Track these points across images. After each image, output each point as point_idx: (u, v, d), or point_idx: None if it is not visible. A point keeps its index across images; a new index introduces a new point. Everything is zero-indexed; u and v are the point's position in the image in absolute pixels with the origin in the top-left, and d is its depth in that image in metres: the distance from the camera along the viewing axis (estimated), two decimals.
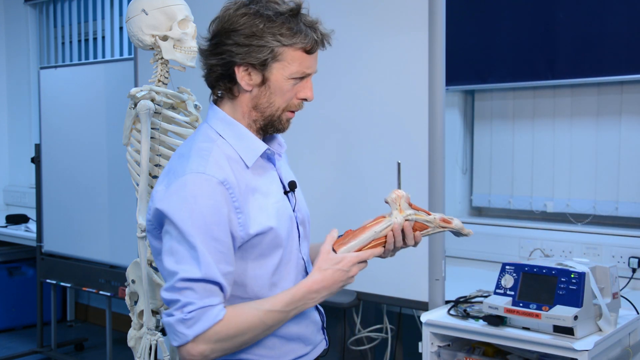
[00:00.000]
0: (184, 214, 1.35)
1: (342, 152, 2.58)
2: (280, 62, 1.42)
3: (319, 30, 1.46)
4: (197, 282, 1.33)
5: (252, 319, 1.38)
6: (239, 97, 1.47)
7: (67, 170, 4.19)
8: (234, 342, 1.38)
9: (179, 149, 1.51)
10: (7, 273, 5.01)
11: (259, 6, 1.42)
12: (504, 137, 3.26)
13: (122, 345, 2.72)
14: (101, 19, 5.09)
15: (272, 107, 1.46)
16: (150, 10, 1.98)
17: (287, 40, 1.41)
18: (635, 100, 2.90)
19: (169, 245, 1.37)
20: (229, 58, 1.42)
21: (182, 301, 1.33)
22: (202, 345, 1.34)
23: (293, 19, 1.42)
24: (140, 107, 1.95)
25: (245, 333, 1.38)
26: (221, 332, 1.34)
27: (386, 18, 2.42)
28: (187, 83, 2.15)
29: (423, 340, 2.17)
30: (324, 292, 1.45)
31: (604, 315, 1.94)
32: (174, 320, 1.34)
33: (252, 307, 1.40)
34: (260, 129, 1.50)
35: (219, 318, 1.34)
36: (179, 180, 1.38)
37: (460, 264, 3.12)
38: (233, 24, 1.41)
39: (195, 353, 1.34)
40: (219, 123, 1.49)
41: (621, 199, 2.93)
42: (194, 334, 1.33)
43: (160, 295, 1.39)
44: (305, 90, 1.48)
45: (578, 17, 2.87)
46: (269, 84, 1.44)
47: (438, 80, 2.28)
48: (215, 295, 1.35)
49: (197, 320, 1.33)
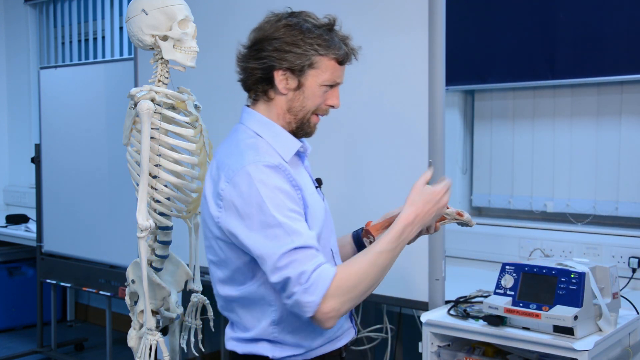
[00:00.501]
0: (258, 199, 1.47)
1: (342, 151, 2.58)
2: (315, 70, 1.58)
3: (350, 45, 1.63)
4: (295, 251, 1.44)
5: (365, 264, 1.49)
6: (274, 99, 1.62)
7: (67, 170, 4.19)
8: (357, 290, 1.48)
9: (224, 149, 1.62)
10: (7, 273, 5.01)
11: (299, 19, 1.58)
12: (504, 137, 3.26)
13: (122, 345, 2.72)
14: (101, 19, 5.09)
15: (304, 110, 1.61)
16: (150, 10, 1.98)
17: (323, 50, 1.57)
18: (635, 100, 2.90)
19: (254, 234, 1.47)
20: (269, 62, 1.57)
21: (293, 276, 1.43)
22: (331, 301, 1.43)
23: (329, 33, 1.59)
24: (140, 107, 1.95)
25: (364, 279, 1.48)
26: (342, 285, 1.45)
27: (386, 18, 2.42)
28: (187, 83, 2.15)
29: (423, 340, 2.17)
30: (419, 222, 1.56)
31: (604, 315, 1.94)
32: (299, 295, 1.42)
33: (362, 255, 1.52)
34: (292, 132, 1.64)
35: (334, 273, 1.45)
36: (241, 173, 1.50)
37: (460, 264, 3.12)
38: (275, 32, 1.57)
39: (328, 310, 1.43)
40: (256, 123, 1.63)
41: (621, 199, 2.93)
42: (319, 297, 1.42)
43: (271, 281, 1.46)
44: (333, 98, 1.64)
45: (578, 17, 2.87)
46: (303, 89, 1.59)
47: (438, 80, 2.28)
48: (317, 257, 1.46)
49: (317, 284, 1.42)
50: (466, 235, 3.17)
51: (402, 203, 1.90)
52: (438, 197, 1.59)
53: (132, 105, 2.02)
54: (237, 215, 1.49)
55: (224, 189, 1.52)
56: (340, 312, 1.47)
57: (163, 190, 2.01)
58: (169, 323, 2.22)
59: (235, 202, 1.50)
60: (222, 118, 2.94)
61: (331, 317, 1.45)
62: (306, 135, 1.66)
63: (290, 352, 1.59)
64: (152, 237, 2.09)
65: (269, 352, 1.59)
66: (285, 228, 1.45)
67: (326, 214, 1.67)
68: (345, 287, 1.45)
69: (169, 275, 2.22)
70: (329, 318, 1.45)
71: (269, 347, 1.58)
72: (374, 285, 1.53)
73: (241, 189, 1.49)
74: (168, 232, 2.11)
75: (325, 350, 1.65)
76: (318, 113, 1.64)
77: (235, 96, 2.94)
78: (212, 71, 2.96)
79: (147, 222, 1.95)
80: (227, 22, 2.94)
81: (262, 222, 1.46)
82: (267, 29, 1.58)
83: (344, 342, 1.71)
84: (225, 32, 2.94)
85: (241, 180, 1.49)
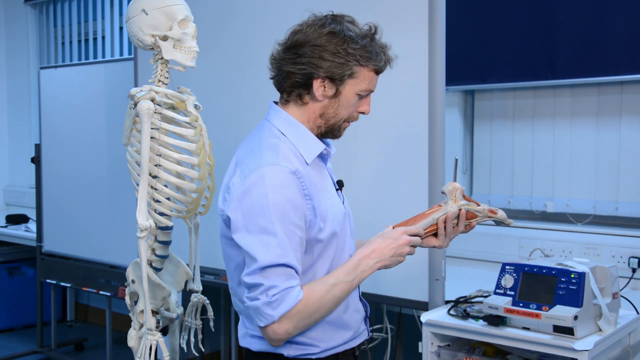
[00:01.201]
0: (264, 203, 1.48)
1: (342, 151, 2.57)
2: (354, 79, 1.58)
3: (388, 54, 1.62)
4: (278, 267, 1.46)
5: (324, 294, 1.51)
6: (308, 104, 1.61)
7: (67, 170, 4.19)
8: (312, 318, 1.51)
9: (246, 145, 1.62)
10: (7, 273, 5.01)
11: (342, 27, 1.56)
12: (504, 137, 3.26)
13: (122, 345, 2.72)
14: (101, 19, 5.09)
15: (336, 117, 1.62)
16: (150, 10, 1.98)
17: (365, 61, 1.57)
18: (635, 100, 2.90)
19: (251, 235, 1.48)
20: (310, 70, 1.56)
21: (265, 285, 1.45)
22: (287, 324, 1.46)
23: (371, 42, 1.58)
24: (140, 107, 1.94)
25: (320, 308, 1.51)
26: (302, 310, 1.47)
27: (386, 18, 2.42)
28: (187, 83, 2.15)
29: (423, 340, 2.17)
30: (376, 257, 1.57)
31: (604, 315, 1.94)
32: (260, 304, 1.46)
33: (321, 284, 1.53)
34: (320, 134, 1.64)
35: (300, 298, 1.47)
36: (257, 173, 1.50)
37: (460, 264, 3.12)
38: (318, 39, 1.55)
39: (281, 332, 1.47)
40: (282, 122, 1.62)
41: (621, 199, 2.93)
42: (279, 314, 1.45)
43: (242, 279, 1.50)
44: (365, 105, 1.65)
45: (578, 17, 2.87)
46: (340, 98, 1.59)
47: (438, 80, 2.28)
48: (294, 278, 1.48)
49: (282, 302, 1.45)
50: (466, 235, 3.16)
51: (401, 203, 1.90)
52: (396, 235, 1.59)
53: (132, 105, 2.02)
54: (240, 211, 1.50)
55: (235, 183, 1.53)
56: (291, 336, 1.50)
57: (163, 190, 2.01)
58: (169, 323, 2.22)
59: (241, 198, 1.50)
60: (222, 118, 2.94)
61: (281, 339, 1.50)
62: (334, 137, 1.67)
63: (306, 350, 1.60)
64: (152, 237, 2.09)
65: (284, 350, 1.60)
66: (280, 240, 1.46)
67: (345, 218, 1.67)
68: (305, 312, 1.48)
69: (169, 275, 2.22)
70: (279, 339, 1.50)
71: (285, 345, 1.59)
72: (328, 314, 1.56)
73: (251, 188, 1.49)
74: (168, 232, 2.11)
75: (341, 349, 1.66)
76: (349, 120, 1.65)
77: (235, 96, 2.95)
78: (212, 71, 2.97)
79: (147, 222, 1.95)
80: (227, 22, 2.94)
81: (261, 227, 1.47)
82: (310, 33, 1.55)
83: (359, 342, 1.73)
84: (225, 32, 2.94)
85: (254, 180, 1.50)
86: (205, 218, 2.22)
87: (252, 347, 1.64)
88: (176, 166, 2.01)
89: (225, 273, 2.96)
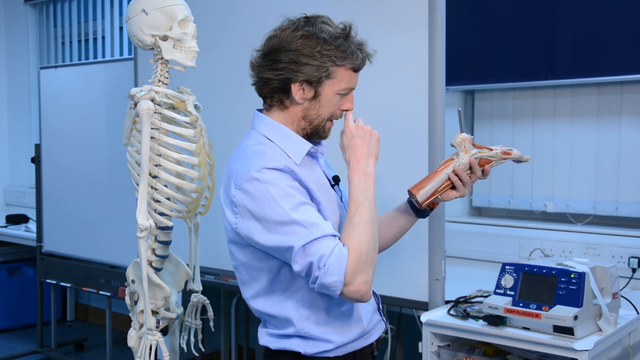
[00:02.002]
0: (271, 201, 1.50)
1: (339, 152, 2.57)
2: (332, 80, 1.58)
3: (365, 50, 1.62)
4: (315, 241, 1.47)
5: (359, 229, 1.52)
6: (289, 108, 1.63)
7: (67, 170, 4.19)
8: (369, 257, 1.50)
9: (234, 156, 1.64)
10: (7, 273, 5.01)
11: (315, 29, 1.56)
12: (504, 137, 3.26)
13: (122, 345, 2.72)
14: (101, 19, 5.09)
15: (319, 118, 1.63)
16: (150, 10, 1.98)
17: (340, 61, 1.57)
18: (635, 100, 2.90)
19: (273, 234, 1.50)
20: (286, 74, 1.57)
21: (314, 261, 1.46)
22: (358, 276, 1.47)
23: (345, 41, 1.58)
24: (140, 107, 1.94)
25: (369, 243, 1.51)
26: (358, 257, 1.48)
27: (386, 17, 2.42)
28: (187, 83, 2.15)
29: (423, 340, 2.17)
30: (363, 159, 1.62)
31: (604, 315, 1.94)
32: (321, 278, 1.46)
33: (347, 226, 1.53)
34: (306, 135, 1.65)
35: (346, 250, 1.48)
36: (248, 178, 1.52)
37: (460, 264, 3.12)
38: (292, 43, 1.56)
39: (358, 286, 1.47)
40: (266, 127, 1.64)
41: (621, 199, 2.93)
42: (341, 274, 1.45)
43: (295, 270, 1.51)
44: (348, 103, 1.65)
45: (578, 17, 2.87)
46: (319, 99, 1.60)
47: (438, 80, 2.28)
48: (332, 239, 1.49)
49: (335, 264, 1.46)
50: (466, 235, 3.17)
51: (401, 203, 1.90)
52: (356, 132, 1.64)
53: (132, 105, 2.02)
54: (253, 219, 1.53)
55: (235, 196, 1.55)
56: (370, 281, 1.50)
57: (163, 190, 2.01)
58: (169, 323, 2.22)
59: (248, 207, 1.53)
60: (222, 118, 2.94)
61: (365, 291, 1.49)
62: (320, 138, 1.68)
63: (322, 347, 1.61)
64: (152, 237, 2.09)
65: (301, 347, 1.61)
66: (302, 223, 1.48)
67: (342, 211, 1.69)
68: (362, 255, 1.49)
69: (169, 275, 2.22)
70: (364, 292, 1.49)
71: (301, 343, 1.61)
72: (377, 242, 1.55)
73: (252, 194, 1.52)
74: (168, 232, 2.11)
75: (357, 346, 1.67)
76: (332, 119, 1.66)
77: (235, 96, 2.95)
78: (212, 71, 2.97)
79: (147, 222, 1.95)
80: (227, 22, 2.94)
81: (278, 222, 1.50)
82: (284, 38, 1.57)
83: (375, 337, 1.74)
84: (225, 32, 2.94)
85: (250, 186, 1.52)
86: (205, 218, 2.22)
87: (271, 346, 1.66)
88: (176, 166, 2.01)
89: (225, 273, 2.96)
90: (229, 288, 3.14)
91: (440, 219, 2.29)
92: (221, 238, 2.85)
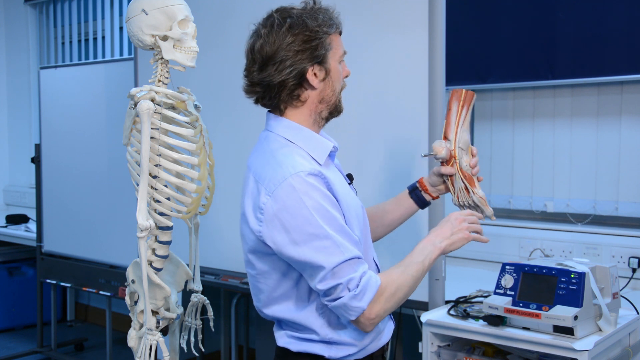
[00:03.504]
0: (305, 211, 1.48)
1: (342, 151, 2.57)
2: (331, 50, 1.61)
3: (334, 10, 1.65)
4: (344, 263, 1.48)
5: (400, 274, 1.56)
6: (306, 101, 1.62)
7: (67, 170, 4.19)
8: (396, 297, 1.55)
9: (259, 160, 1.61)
10: (7, 273, 5.01)
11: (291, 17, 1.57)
12: (504, 137, 3.26)
13: (122, 345, 2.72)
14: (101, 19, 5.09)
15: (335, 94, 1.64)
16: (150, 10, 1.97)
17: (330, 29, 1.60)
18: (635, 100, 2.90)
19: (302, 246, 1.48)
20: (298, 66, 1.56)
21: (342, 282, 1.48)
22: (376, 307, 1.50)
23: (320, 13, 1.60)
24: (140, 107, 1.94)
25: (401, 287, 1.55)
26: (385, 291, 1.52)
27: (386, 18, 2.42)
28: (187, 83, 2.15)
29: (423, 340, 2.17)
30: (438, 237, 1.64)
31: (604, 315, 1.94)
32: (346, 300, 1.48)
33: (395, 268, 1.58)
34: (324, 119, 1.67)
35: (379, 280, 1.52)
36: (283, 185, 1.50)
37: (460, 264, 3.12)
38: (285, 39, 1.56)
39: (373, 316, 1.51)
40: (286, 130, 1.62)
41: (621, 199, 2.93)
42: (366, 302, 1.49)
43: (316, 287, 1.51)
44: (346, 69, 1.68)
45: (578, 17, 2.87)
46: (330, 75, 1.62)
47: (438, 80, 2.28)
48: (362, 264, 1.52)
49: (365, 290, 1.49)
50: None
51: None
52: (451, 218, 1.69)
53: (132, 105, 2.02)
54: (282, 229, 1.50)
55: (265, 203, 1.52)
56: (382, 317, 1.54)
57: (163, 190, 2.01)
58: (169, 323, 2.22)
59: (279, 215, 1.50)
60: (222, 118, 2.94)
61: (374, 322, 1.53)
62: (339, 113, 1.69)
63: (346, 351, 1.61)
64: (152, 237, 2.09)
65: (325, 351, 1.60)
66: (334, 240, 1.48)
67: (363, 210, 1.70)
68: (387, 293, 1.52)
69: (169, 275, 2.22)
70: (373, 323, 1.53)
71: (325, 347, 1.60)
72: (409, 294, 1.59)
73: (285, 203, 1.49)
74: (168, 232, 2.11)
75: (372, 348, 1.67)
76: (342, 89, 1.68)
77: (235, 96, 2.95)
78: (212, 71, 2.97)
79: (147, 222, 1.95)
80: (227, 22, 2.94)
81: (310, 234, 1.48)
82: (274, 39, 1.56)
83: (387, 338, 1.74)
84: (225, 32, 2.94)
85: (284, 193, 1.49)
86: (205, 218, 2.22)
87: (291, 348, 1.63)
88: (176, 166, 2.01)
89: (225, 273, 2.96)
90: (229, 288, 3.14)
91: (440, 219, 2.29)
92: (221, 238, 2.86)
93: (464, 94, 1.85)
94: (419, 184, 1.91)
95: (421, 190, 1.90)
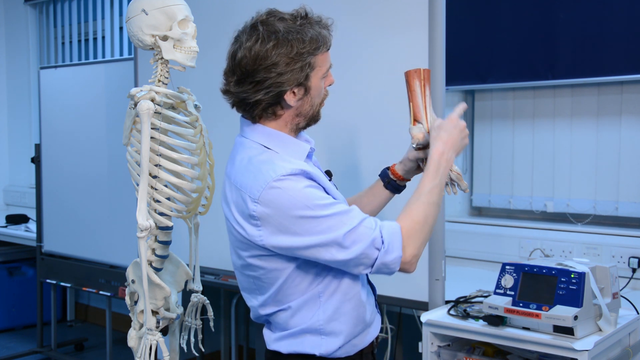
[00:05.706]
0: (297, 205, 1.48)
1: (342, 151, 2.58)
2: (315, 69, 1.56)
3: (327, 26, 1.59)
4: (354, 229, 1.49)
5: (420, 206, 1.58)
6: (282, 115, 1.59)
7: (67, 170, 4.19)
8: (424, 231, 1.57)
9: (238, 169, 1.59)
10: (7, 273, 5.01)
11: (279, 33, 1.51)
12: (504, 137, 3.26)
13: (122, 345, 2.72)
14: (101, 19, 5.09)
15: (313, 108, 1.62)
16: (150, 10, 1.98)
17: (317, 51, 1.54)
18: (635, 100, 2.90)
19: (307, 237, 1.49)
20: (276, 89, 1.53)
21: (367, 244, 1.49)
22: (409, 249, 1.53)
23: (310, 29, 1.53)
24: (140, 107, 1.94)
25: (425, 219, 1.57)
26: (410, 232, 1.54)
27: (386, 17, 2.42)
28: (187, 83, 2.15)
29: (423, 340, 2.17)
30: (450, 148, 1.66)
31: (604, 315, 1.94)
32: (381, 259, 1.51)
33: (415, 200, 1.60)
34: (302, 128, 1.65)
35: (398, 225, 1.54)
36: (267, 189, 1.49)
37: (460, 264, 3.12)
38: (268, 58, 1.51)
39: (410, 258, 1.54)
40: (261, 136, 1.60)
41: (621, 199, 2.93)
42: (400, 250, 1.52)
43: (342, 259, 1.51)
44: (330, 79, 1.64)
45: (578, 17, 2.87)
46: (310, 92, 1.58)
47: (438, 80, 2.28)
48: (373, 221, 1.53)
49: (392, 242, 1.51)
50: (466, 235, 3.17)
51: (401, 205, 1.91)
52: (455, 123, 1.69)
53: (132, 105, 2.02)
54: (282, 228, 1.50)
55: (255, 210, 1.50)
56: (419, 255, 1.56)
57: (163, 190, 2.01)
58: (169, 323, 2.22)
59: (273, 217, 1.49)
60: (222, 118, 2.94)
61: (414, 262, 1.55)
62: (315, 122, 1.67)
63: (335, 344, 1.60)
64: (152, 237, 2.09)
65: (316, 349, 1.60)
66: (335, 217, 1.49)
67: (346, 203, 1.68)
68: (414, 232, 1.54)
69: (169, 275, 2.22)
70: (412, 263, 1.55)
71: (316, 345, 1.60)
72: (434, 221, 1.60)
73: (275, 204, 1.49)
74: (168, 232, 2.11)
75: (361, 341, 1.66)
76: (323, 101, 1.65)
77: None
78: (212, 71, 2.95)
79: (147, 222, 1.95)
80: (227, 22, 2.94)
81: (310, 224, 1.48)
82: (255, 55, 1.51)
83: (376, 330, 1.73)
84: (225, 32, 2.93)
85: (271, 196, 1.49)
86: (205, 218, 2.22)
87: (282, 350, 1.63)
88: (176, 166, 2.01)
89: (225, 273, 2.96)
90: (229, 288, 3.14)
91: (440, 219, 2.29)
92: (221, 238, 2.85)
93: (423, 72, 1.79)
94: (392, 173, 1.87)
95: (395, 180, 1.87)
